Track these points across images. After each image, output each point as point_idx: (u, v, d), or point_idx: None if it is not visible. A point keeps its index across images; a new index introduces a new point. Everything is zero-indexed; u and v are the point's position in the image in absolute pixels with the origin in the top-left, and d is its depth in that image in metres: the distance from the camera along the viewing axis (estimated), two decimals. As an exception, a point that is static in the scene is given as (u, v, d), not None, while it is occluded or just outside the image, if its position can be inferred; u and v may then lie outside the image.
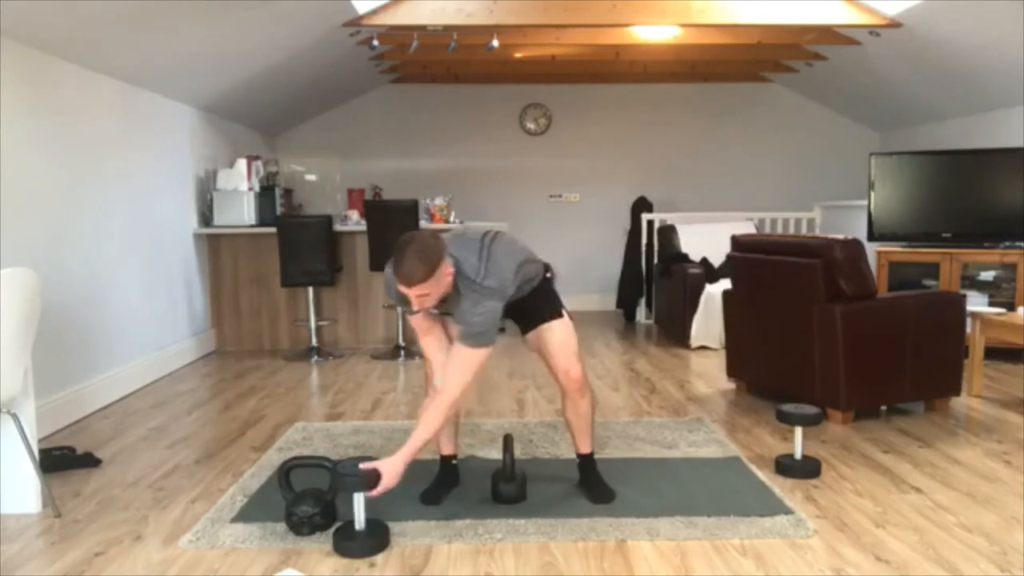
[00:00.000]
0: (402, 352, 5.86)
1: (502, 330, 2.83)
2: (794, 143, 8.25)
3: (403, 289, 2.50)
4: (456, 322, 2.69)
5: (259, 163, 6.39)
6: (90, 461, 3.42)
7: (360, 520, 2.57)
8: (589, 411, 2.95)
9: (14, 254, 3.60)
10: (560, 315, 2.91)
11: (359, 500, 2.56)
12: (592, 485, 2.97)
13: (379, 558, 2.48)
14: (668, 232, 6.85)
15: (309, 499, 2.65)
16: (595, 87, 8.16)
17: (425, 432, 2.62)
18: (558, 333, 2.88)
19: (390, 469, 2.56)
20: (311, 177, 8.22)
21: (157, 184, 5.30)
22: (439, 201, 6.29)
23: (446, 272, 2.55)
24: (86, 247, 4.36)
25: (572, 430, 2.99)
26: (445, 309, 2.77)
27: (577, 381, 2.86)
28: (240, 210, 5.99)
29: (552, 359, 2.88)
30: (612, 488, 2.96)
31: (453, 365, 2.64)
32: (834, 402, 3.90)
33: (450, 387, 2.62)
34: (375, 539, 2.55)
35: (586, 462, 3.01)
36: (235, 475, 3.27)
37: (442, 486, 2.98)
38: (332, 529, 2.65)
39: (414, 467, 3.25)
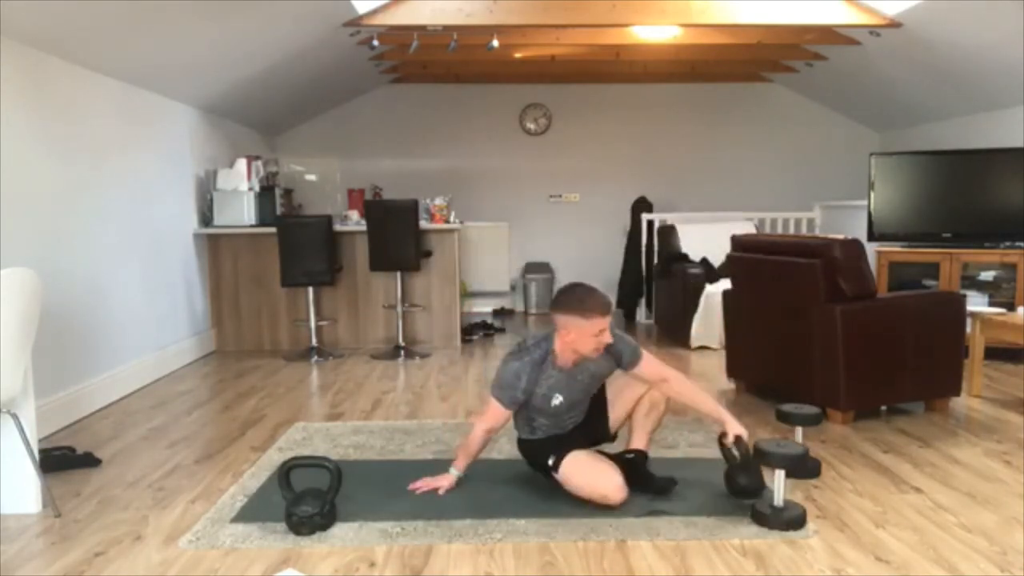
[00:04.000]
0: (402, 352, 5.86)
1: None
2: (794, 143, 8.25)
3: (603, 321, 2.75)
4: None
5: (259, 163, 6.39)
6: (90, 461, 3.42)
7: (779, 497, 2.70)
8: (660, 415, 3.09)
9: (14, 254, 3.60)
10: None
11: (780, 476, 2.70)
12: (654, 477, 3.01)
13: (379, 558, 2.49)
14: (668, 232, 6.84)
15: (309, 499, 2.65)
16: (595, 87, 8.16)
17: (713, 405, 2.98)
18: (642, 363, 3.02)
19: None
20: (311, 177, 8.22)
21: (157, 184, 5.30)
22: (439, 201, 6.29)
23: None
24: (86, 247, 4.36)
25: (645, 429, 3.05)
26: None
27: (678, 382, 3.00)
28: (240, 210, 5.99)
29: (649, 376, 2.99)
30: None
31: (658, 367, 2.99)
32: (834, 402, 3.89)
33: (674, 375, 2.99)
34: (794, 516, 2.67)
35: (643, 462, 3.05)
36: (235, 475, 3.27)
37: None
38: (330, 529, 2.66)
39: (409, 468, 3.26)
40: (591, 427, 3.06)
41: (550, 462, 2.89)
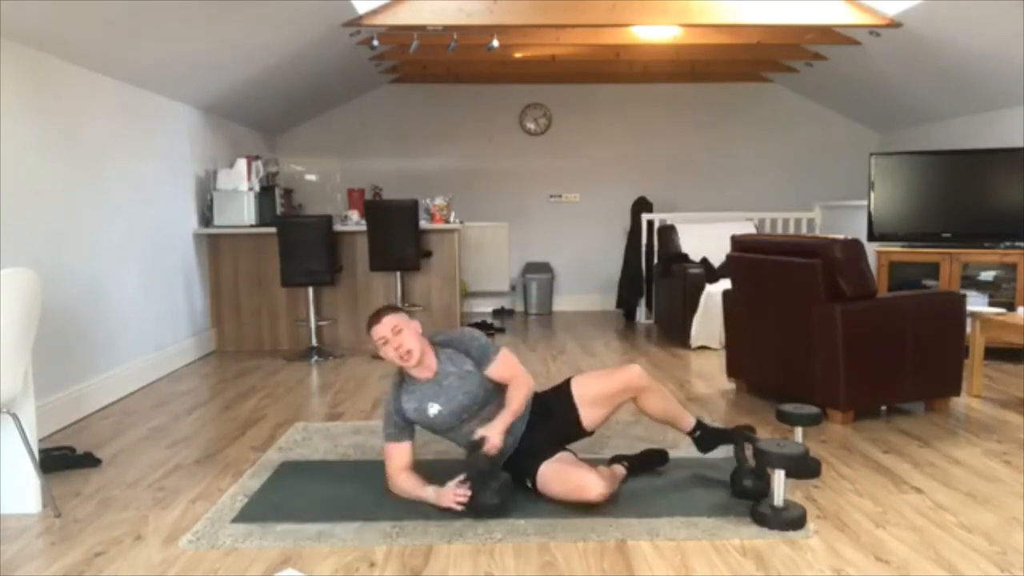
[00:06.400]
0: (402, 352, 5.85)
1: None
2: (794, 143, 8.25)
3: (380, 332, 2.93)
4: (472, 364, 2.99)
5: (259, 163, 6.38)
6: (90, 461, 3.42)
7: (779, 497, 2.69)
8: (668, 392, 3.14)
9: (14, 254, 3.60)
10: (568, 380, 3.09)
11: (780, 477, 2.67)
12: (728, 432, 3.11)
13: (379, 558, 2.49)
14: (668, 232, 6.85)
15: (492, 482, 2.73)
16: (595, 87, 8.16)
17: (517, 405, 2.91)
18: (586, 380, 3.08)
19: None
20: (311, 177, 8.22)
21: (157, 184, 5.30)
22: (439, 201, 6.29)
23: (418, 330, 2.97)
24: (86, 247, 4.36)
25: (669, 420, 3.13)
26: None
27: (641, 377, 3.00)
28: (240, 210, 5.99)
29: (610, 388, 3.01)
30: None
31: (510, 367, 2.99)
32: (834, 402, 3.90)
33: (523, 376, 2.98)
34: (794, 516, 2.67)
35: (702, 427, 3.15)
36: (235, 475, 3.27)
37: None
38: (337, 528, 2.65)
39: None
40: (556, 426, 3.01)
41: (528, 485, 2.89)
